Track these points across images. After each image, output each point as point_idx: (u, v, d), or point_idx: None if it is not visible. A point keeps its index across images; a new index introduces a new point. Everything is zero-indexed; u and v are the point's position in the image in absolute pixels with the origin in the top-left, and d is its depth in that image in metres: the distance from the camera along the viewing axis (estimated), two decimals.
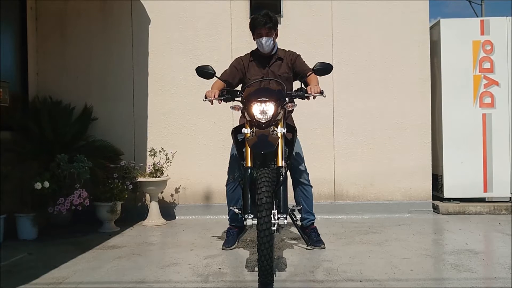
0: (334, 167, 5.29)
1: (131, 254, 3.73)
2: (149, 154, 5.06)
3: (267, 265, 2.74)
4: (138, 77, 5.36)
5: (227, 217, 3.95)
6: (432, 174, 5.33)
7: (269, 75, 3.72)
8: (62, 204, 4.36)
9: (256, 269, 2.83)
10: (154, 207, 5.00)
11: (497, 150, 5.35)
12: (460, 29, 5.44)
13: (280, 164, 3.07)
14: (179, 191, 5.33)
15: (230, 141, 5.43)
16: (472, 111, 5.38)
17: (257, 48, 3.82)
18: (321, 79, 3.61)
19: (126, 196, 4.85)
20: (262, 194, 2.78)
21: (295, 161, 3.75)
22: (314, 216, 3.94)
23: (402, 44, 5.30)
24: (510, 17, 5.37)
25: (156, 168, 4.96)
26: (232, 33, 5.33)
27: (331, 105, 5.27)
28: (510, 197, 5.38)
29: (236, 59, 3.90)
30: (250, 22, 3.78)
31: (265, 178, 2.85)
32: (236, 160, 3.66)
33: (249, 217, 2.93)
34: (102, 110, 5.32)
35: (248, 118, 3.14)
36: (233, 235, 3.87)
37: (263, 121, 3.04)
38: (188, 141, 5.32)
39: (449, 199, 5.42)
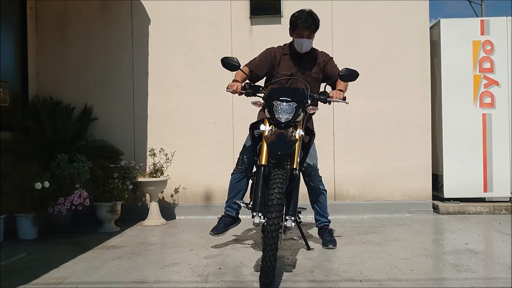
0: (334, 167, 5.29)
1: (131, 254, 3.73)
2: (149, 154, 5.06)
3: (270, 266, 2.74)
4: (138, 77, 5.36)
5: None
6: (432, 174, 5.32)
7: (299, 72, 3.65)
8: (62, 204, 4.36)
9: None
10: (154, 207, 5.00)
11: (497, 150, 5.34)
12: (460, 29, 5.44)
13: (294, 166, 3.06)
14: (179, 191, 5.33)
15: (230, 141, 5.43)
16: (472, 111, 5.38)
17: (291, 43, 3.74)
18: None
19: (126, 196, 4.85)
20: (274, 195, 2.77)
21: (310, 168, 3.74)
22: (327, 219, 3.94)
23: (402, 44, 5.30)
24: (510, 17, 5.37)
25: (156, 168, 4.96)
26: (232, 33, 5.33)
27: (331, 105, 5.26)
28: (510, 197, 5.38)
29: (267, 49, 3.79)
30: (291, 19, 3.67)
31: (279, 179, 2.83)
32: (248, 152, 3.62)
33: (257, 215, 2.90)
34: (102, 110, 5.32)
35: (267, 115, 3.13)
36: (224, 224, 3.80)
37: (283, 121, 3.03)
38: (188, 141, 5.32)
39: (449, 199, 5.42)
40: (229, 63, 3.39)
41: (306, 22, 3.58)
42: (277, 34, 5.27)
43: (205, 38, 5.36)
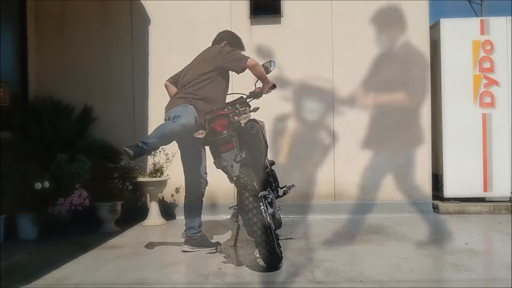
0: (334, 167, 5.28)
1: (131, 254, 3.73)
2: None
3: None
4: (138, 77, 5.36)
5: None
6: (432, 174, 5.32)
7: None
8: (62, 204, 4.36)
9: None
10: (154, 207, 5.00)
11: (497, 150, 5.34)
12: (460, 29, 5.43)
13: None
14: (179, 191, 5.32)
15: None
16: (472, 111, 5.38)
17: None
18: (320, 79, 3.59)
19: (126, 196, 4.85)
20: None
21: None
22: None
23: (402, 44, 5.28)
24: (510, 17, 5.37)
25: (156, 168, 4.96)
26: None
27: (330, 106, 5.26)
28: (510, 197, 5.38)
29: None
30: None
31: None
32: None
33: None
34: (102, 110, 5.32)
35: None
36: None
37: None
38: None
39: (449, 199, 5.42)
40: None
41: None
42: (277, 34, 5.30)
43: (205, 38, 5.33)
